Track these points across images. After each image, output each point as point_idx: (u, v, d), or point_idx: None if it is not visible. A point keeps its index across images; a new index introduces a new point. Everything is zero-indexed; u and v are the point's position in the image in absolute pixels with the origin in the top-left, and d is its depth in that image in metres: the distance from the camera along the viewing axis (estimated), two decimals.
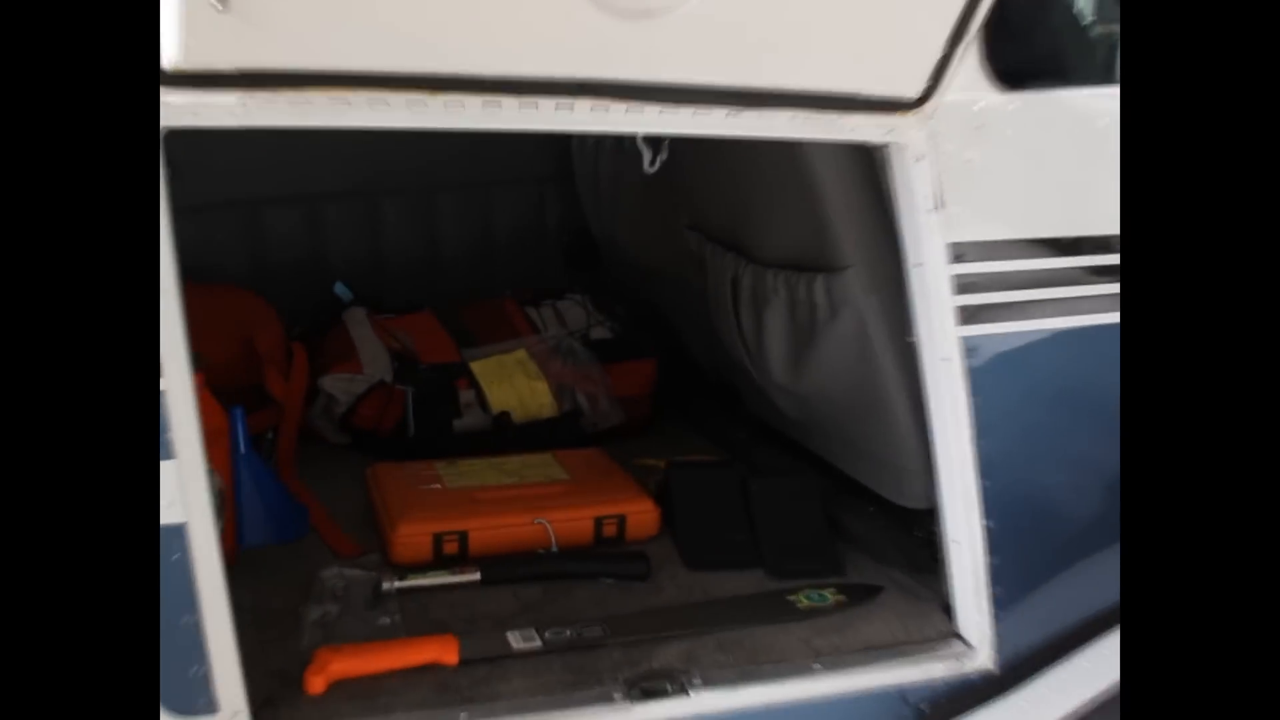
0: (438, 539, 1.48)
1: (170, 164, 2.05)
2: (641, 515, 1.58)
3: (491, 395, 1.85)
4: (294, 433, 1.81)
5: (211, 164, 2.07)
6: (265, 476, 1.60)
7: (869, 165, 1.32)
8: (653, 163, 1.42)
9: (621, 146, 2.03)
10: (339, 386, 1.84)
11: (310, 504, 1.67)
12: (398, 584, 1.41)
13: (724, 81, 1.05)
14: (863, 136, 1.24)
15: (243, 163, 2.11)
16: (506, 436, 1.80)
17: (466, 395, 1.86)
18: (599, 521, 1.55)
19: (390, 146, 2.23)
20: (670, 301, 2.05)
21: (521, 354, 1.94)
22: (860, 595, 1.42)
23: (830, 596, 1.41)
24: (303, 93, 0.99)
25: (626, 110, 1.03)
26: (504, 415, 1.82)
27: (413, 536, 1.48)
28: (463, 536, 1.49)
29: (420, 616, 1.36)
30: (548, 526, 1.52)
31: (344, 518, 1.64)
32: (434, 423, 1.83)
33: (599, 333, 2.03)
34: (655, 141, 1.43)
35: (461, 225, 2.30)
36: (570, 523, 1.54)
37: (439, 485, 1.60)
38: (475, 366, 1.90)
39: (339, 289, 2.06)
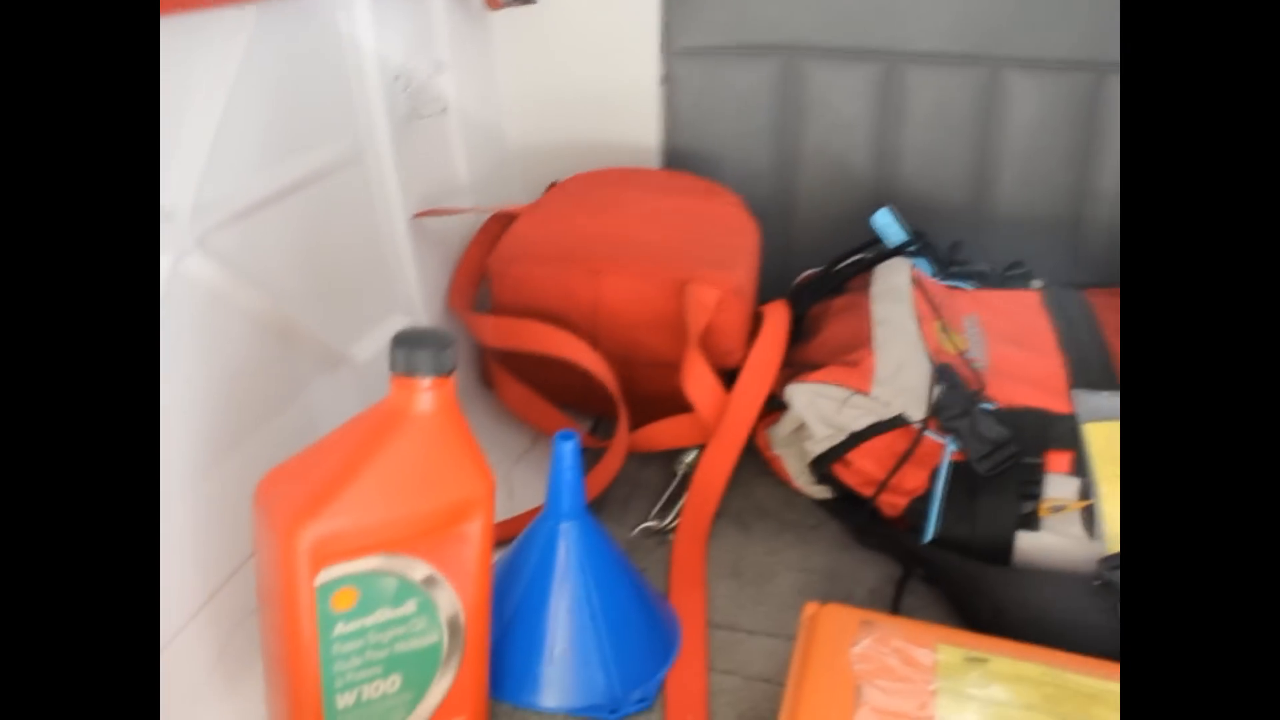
0: None
1: None
2: None
3: (1108, 500, 0.88)
4: (725, 470, 1.00)
5: None
6: (609, 575, 0.81)
7: None
8: None
9: None
10: (820, 407, 0.97)
11: (691, 632, 0.87)
12: None
13: None
14: None
15: None
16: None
17: (1062, 486, 0.90)
18: None
19: None
20: None
21: None
22: None
23: None
24: None
25: None
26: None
27: None
28: None
29: None
30: None
31: (738, 685, 0.82)
32: (979, 527, 0.91)
33: None
34: None
35: None
36: None
37: (924, 713, 0.70)
38: (1093, 431, 0.93)
39: (881, 218, 1.16)
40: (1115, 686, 0.74)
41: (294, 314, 0.88)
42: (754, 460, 1.08)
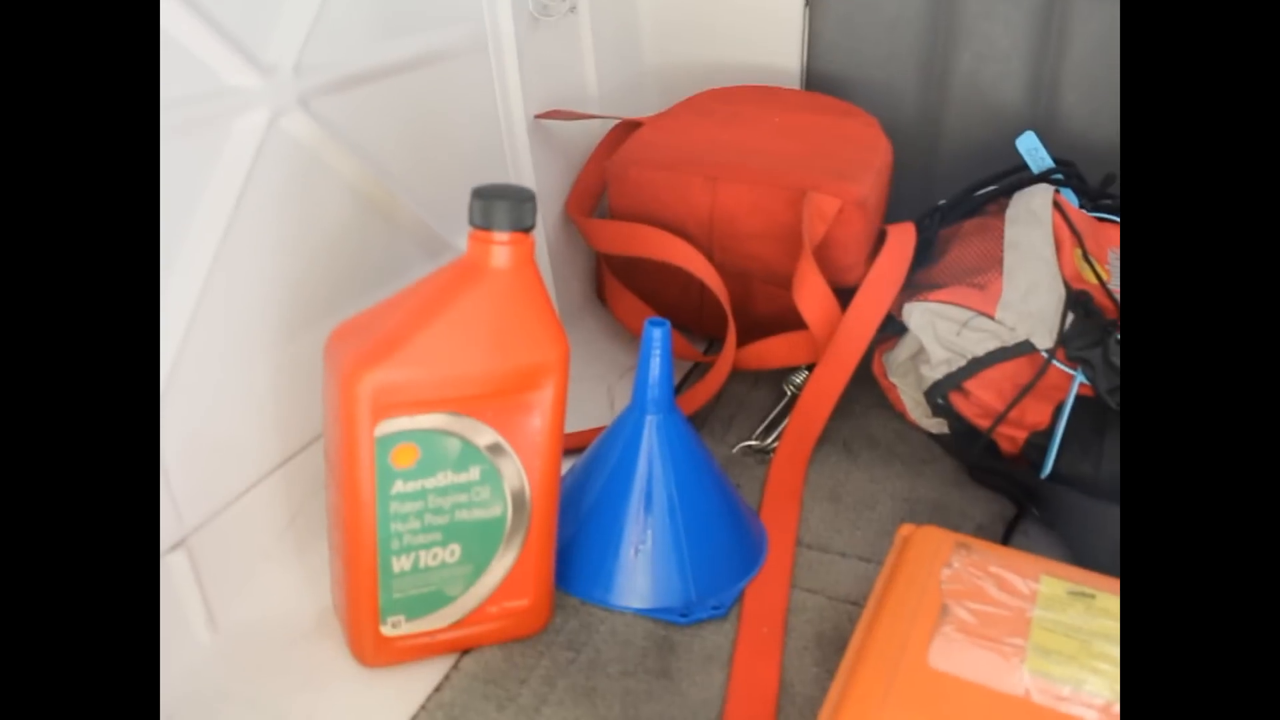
0: None
1: None
2: None
3: None
4: (834, 391, 0.95)
5: None
6: (695, 476, 0.78)
7: None
8: None
9: None
10: (938, 329, 0.91)
11: (778, 547, 0.82)
12: None
13: None
14: None
15: None
16: None
17: None
18: None
19: None
20: None
21: None
22: None
23: None
24: None
25: None
26: None
27: None
28: None
29: None
30: None
31: (821, 604, 0.77)
32: (1105, 464, 0.84)
33: None
34: None
35: None
36: None
37: (1014, 640, 0.64)
38: None
39: (1026, 141, 1.08)
40: None
41: (398, 192, 0.87)
42: (871, 391, 1.02)
